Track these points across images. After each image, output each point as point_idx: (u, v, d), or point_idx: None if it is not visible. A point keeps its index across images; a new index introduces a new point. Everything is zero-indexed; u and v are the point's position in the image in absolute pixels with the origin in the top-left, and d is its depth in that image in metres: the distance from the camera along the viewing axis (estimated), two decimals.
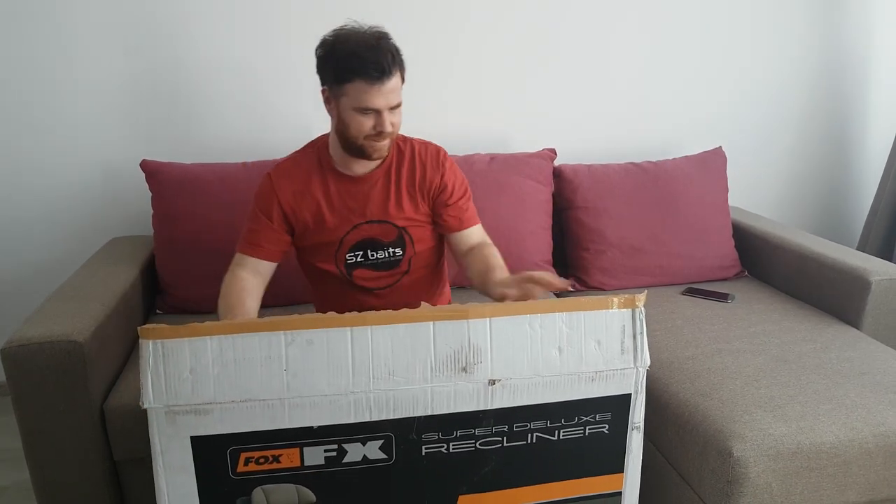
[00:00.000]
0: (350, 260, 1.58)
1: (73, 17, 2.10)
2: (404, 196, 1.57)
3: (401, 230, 1.58)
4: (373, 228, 1.57)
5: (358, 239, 1.56)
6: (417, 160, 1.58)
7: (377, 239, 1.57)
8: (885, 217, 2.64)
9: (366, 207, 1.55)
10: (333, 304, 1.51)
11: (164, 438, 0.89)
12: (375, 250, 1.58)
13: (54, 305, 1.61)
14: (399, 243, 1.59)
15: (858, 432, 1.40)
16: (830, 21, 2.64)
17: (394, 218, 1.57)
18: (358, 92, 1.38)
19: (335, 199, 1.55)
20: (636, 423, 1.03)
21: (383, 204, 1.56)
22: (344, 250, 1.57)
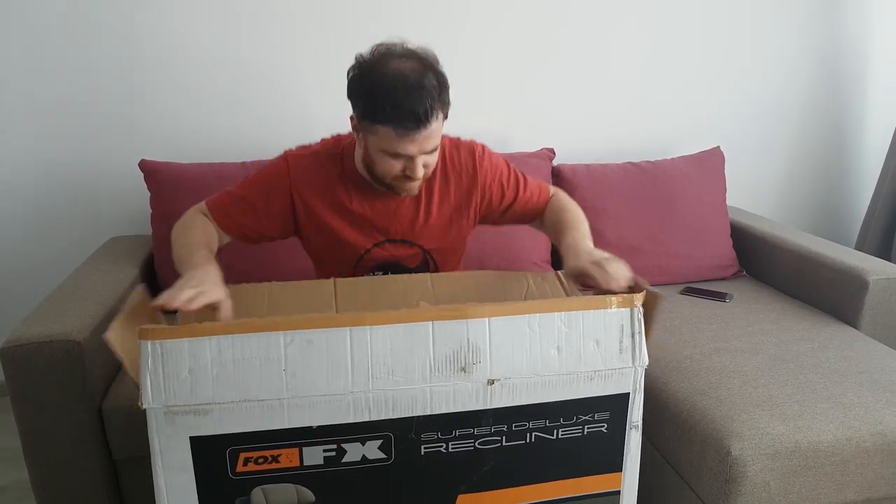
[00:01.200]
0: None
1: (71, 16, 2.09)
2: (434, 215, 1.41)
3: (427, 254, 1.44)
4: (397, 249, 1.43)
5: (379, 261, 1.44)
6: (451, 170, 1.41)
7: (400, 264, 1.44)
8: (882, 217, 2.65)
9: (391, 225, 1.41)
10: None
11: (163, 439, 0.89)
12: (397, 273, 1.44)
13: (53, 305, 1.61)
14: (424, 268, 1.46)
15: (856, 431, 1.40)
16: (828, 21, 2.64)
17: (421, 240, 1.42)
18: (388, 138, 1.22)
19: (357, 212, 1.40)
20: (634, 422, 1.03)
21: (410, 223, 1.41)
22: (363, 267, 1.44)
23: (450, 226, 1.42)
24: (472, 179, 1.41)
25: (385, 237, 1.41)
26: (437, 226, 1.41)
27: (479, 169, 1.41)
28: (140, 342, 0.90)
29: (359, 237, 1.41)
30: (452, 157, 1.41)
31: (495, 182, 1.43)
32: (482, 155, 1.43)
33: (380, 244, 1.42)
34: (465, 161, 1.41)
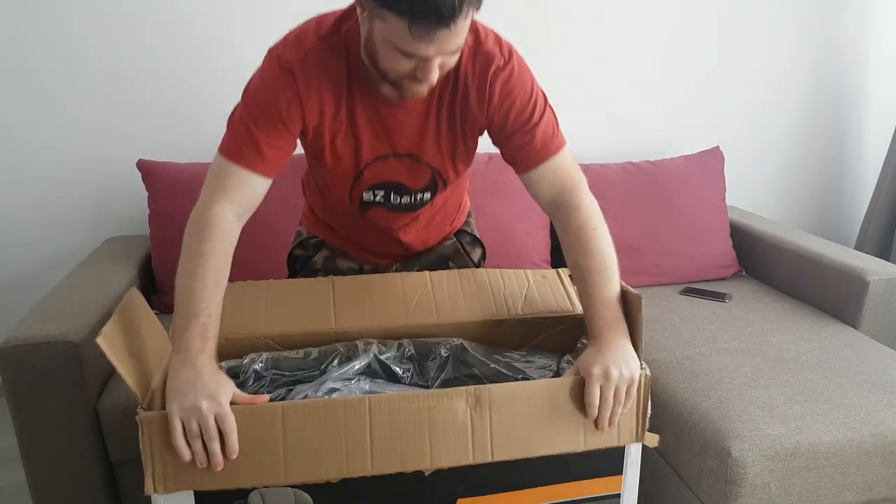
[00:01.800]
0: (367, 198, 1.27)
1: (70, 16, 2.09)
2: (444, 131, 1.20)
3: (435, 173, 1.25)
4: (401, 166, 1.23)
5: (381, 179, 1.24)
6: (461, 84, 1.16)
7: (403, 184, 1.25)
8: (882, 216, 2.64)
9: (395, 137, 1.20)
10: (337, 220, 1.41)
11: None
12: (401, 195, 1.26)
13: (50, 306, 1.61)
14: (430, 188, 1.27)
15: (856, 432, 1.40)
16: (828, 22, 2.64)
17: (428, 157, 1.22)
18: (400, 33, 0.95)
19: (360, 120, 1.17)
20: None
21: (418, 138, 1.20)
22: (362, 186, 1.25)
23: (457, 144, 1.22)
24: (480, 102, 1.16)
25: (391, 150, 1.21)
26: (448, 141, 1.21)
27: (492, 88, 1.15)
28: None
29: (361, 148, 1.20)
30: (467, 69, 1.15)
31: (503, 110, 1.17)
32: (497, 76, 1.15)
33: (383, 158, 1.21)
34: (478, 78, 1.15)
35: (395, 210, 1.29)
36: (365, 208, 1.29)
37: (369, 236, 1.41)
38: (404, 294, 1.26)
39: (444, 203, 1.37)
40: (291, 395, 1.02)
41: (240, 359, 1.10)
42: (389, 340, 1.15)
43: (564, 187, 1.20)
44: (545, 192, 1.20)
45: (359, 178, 1.23)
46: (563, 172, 1.21)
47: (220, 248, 1.07)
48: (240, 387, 1.03)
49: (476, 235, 1.54)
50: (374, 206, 1.29)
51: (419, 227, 1.38)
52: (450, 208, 1.43)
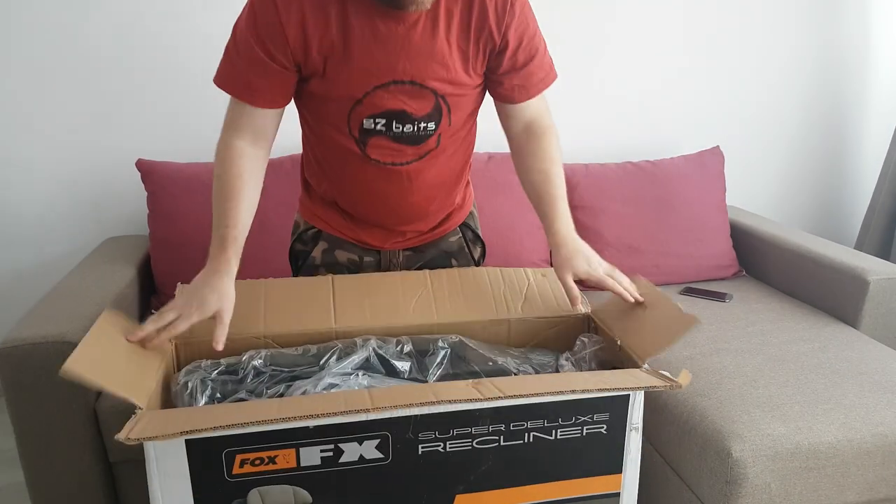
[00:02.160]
0: (367, 126, 1.19)
1: (69, 16, 2.09)
2: (454, 48, 1.13)
3: (440, 99, 1.18)
4: (403, 93, 1.15)
5: (381, 108, 1.17)
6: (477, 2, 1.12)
7: (406, 112, 1.17)
8: (882, 216, 2.64)
9: (398, 60, 1.12)
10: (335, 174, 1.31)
11: (157, 443, 0.88)
12: (403, 123, 1.19)
13: (49, 306, 1.61)
14: (434, 116, 1.20)
15: (857, 432, 1.40)
16: (828, 21, 2.64)
17: (435, 81, 1.15)
18: None
19: (356, 41, 1.10)
20: (635, 423, 1.02)
21: (424, 58, 1.12)
22: (361, 113, 1.18)
23: (468, 64, 1.16)
24: (500, 17, 1.13)
25: (390, 77, 1.14)
26: (455, 62, 1.15)
27: (512, 6, 1.13)
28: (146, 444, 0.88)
29: (358, 74, 1.13)
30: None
31: (518, 34, 1.16)
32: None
33: (383, 86, 1.14)
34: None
35: (398, 140, 1.21)
36: (366, 138, 1.21)
37: (372, 190, 1.30)
38: (404, 293, 1.26)
39: (451, 150, 1.30)
40: (290, 390, 1.02)
41: (239, 356, 1.10)
42: (388, 338, 1.15)
43: (542, 112, 1.29)
44: (527, 116, 1.27)
45: (357, 105, 1.17)
46: (545, 100, 1.29)
47: (231, 170, 1.15)
48: (239, 382, 1.05)
49: (478, 233, 1.53)
50: (375, 136, 1.21)
51: (426, 169, 1.28)
52: (457, 161, 1.34)
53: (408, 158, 1.25)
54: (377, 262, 1.44)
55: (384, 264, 1.44)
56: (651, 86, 2.56)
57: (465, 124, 1.29)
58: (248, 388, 1.05)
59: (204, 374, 1.05)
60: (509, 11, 1.13)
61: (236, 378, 1.05)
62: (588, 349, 1.15)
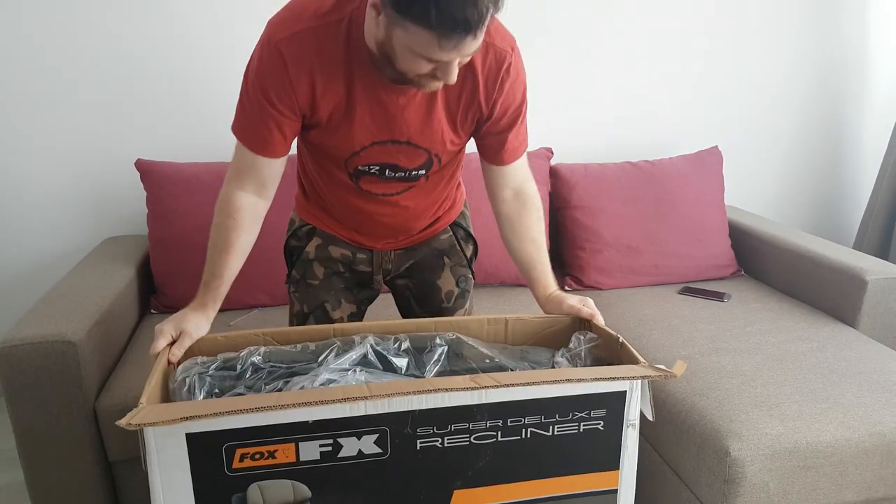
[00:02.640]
0: (362, 169, 1.27)
1: (69, 16, 2.09)
2: (444, 119, 1.22)
3: (431, 155, 1.26)
4: (399, 151, 1.24)
5: (377, 160, 1.25)
6: (469, 75, 1.17)
7: (399, 165, 1.26)
8: (881, 216, 2.65)
9: (395, 124, 1.19)
10: (328, 193, 1.37)
11: (159, 436, 0.88)
12: (395, 171, 1.27)
13: (49, 305, 1.61)
14: (425, 166, 1.28)
15: (855, 431, 1.40)
16: (827, 21, 2.64)
17: (427, 143, 1.24)
18: (425, 43, 0.97)
19: (360, 103, 1.16)
20: (632, 420, 1.03)
21: (419, 127, 1.21)
22: (357, 161, 1.25)
23: (457, 131, 1.25)
24: (490, 91, 1.20)
25: (388, 137, 1.21)
26: (448, 128, 1.23)
27: (503, 82, 1.20)
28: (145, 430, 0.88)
29: (357, 132, 1.20)
30: (479, 62, 1.17)
31: (506, 104, 1.24)
32: (509, 71, 1.20)
33: (381, 143, 1.22)
34: (491, 72, 1.19)
35: (389, 180, 1.30)
36: (359, 175, 1.29)
37: (362, 210, 1.36)
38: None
39: (440, 180, 1.37)
40: (288, 386, 1.02)
41: (237, 352, 1.10)
42: (386, 335, 1.16)
43: (526, 178, 1.37)
44: (513, 181, 1.35)
45: (354, 156, 1.24)
46: (526, 165, 1.37)
47: (228, 222, 1.21)
48: (238, 378, 1.06)
49: (470, 231, 1.54)
50: (368, 175, 1.29)
51: (415, 196, 1.36)
52: (446, 185, 1.41)
53: (397, 190, 1.33)
54: (370, 258, 1.46)
55: (376, 261, 1.46)
56: (650, 86, 2.56)
57: (454, 160, 1.37)
58: (247, 384, 1.06)
59: (202, 369, 1.06)
60: (498, 88, 1.21)
61: (234, 374, 1.06)
62: (583, 346, 1.16)
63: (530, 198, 1.36)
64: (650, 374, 0.99)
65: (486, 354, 1.15)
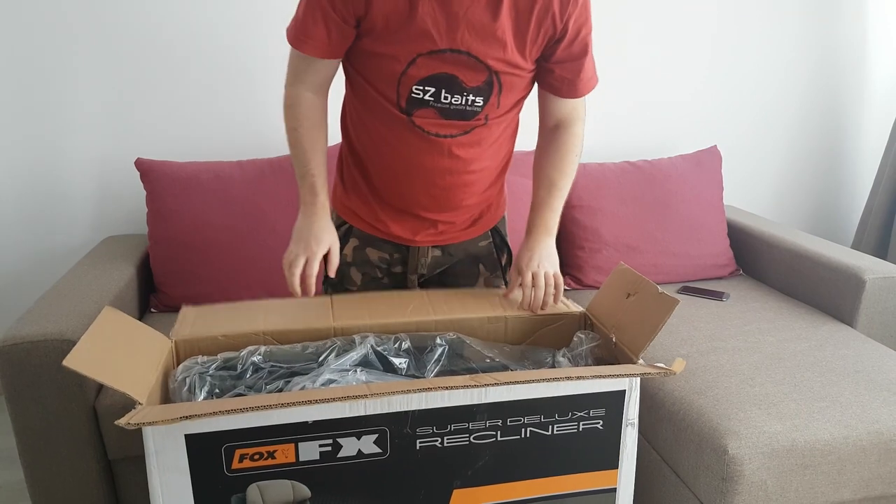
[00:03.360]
0: (416, 94, 1.19)
1: (66, 16, 2.09)
2: (514, 29, 1.14)
3: (493, 75, 1.17)
4: (458, 62, 1.15)
5: (434, 71, 1.16)
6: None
7: (458, 80, 1.17)
8: (879, 215, 2.65)
9: (458, 28, 1.11)
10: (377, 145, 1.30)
11: (158, 437, 0.89)
12: (452, 93, 1.18)
13: (48, 304, 1.61)
14: (484, 91, 1.19)
15: (853, 430, 1.40)
16: (826, 22, 2.65)
17: (490, 56, 1.15)
18: None
19: (422, 2, 1.10)
20: (631, 419, 1.03)
21: (483, 30, 1.12)
22: (411, 78, 1.17)
23: (525, 46, 1.16)
24: (564, 4, 1.14)
25: (448, 45, 1.13)
26: (513, 40, 1.15)
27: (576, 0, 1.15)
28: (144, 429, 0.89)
29: (415, 35, 1.12)
30: None
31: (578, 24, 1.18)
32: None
33: (439, 52, 1.14)
34: None
35: (446, 115, 1.21)
36: (412, 109, 1.21)
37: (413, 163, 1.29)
38: (401, 298, 1.28)
39: (496, 134, 1.29)
40: (289, 386, 1.02)
41: (237, 351, 1.10)
42: (386, 335, 1.16)
43: (577, 116, 1.34)
44: (562, 114, 1.33)
45: (410, 66, 1.16)
46: (583, 104, 1.34)
47: (306, 121, 1.26)
48: (238, 378, 1.06)
49: (506, 239, 1.51)
50: (422, 107, 1.20)
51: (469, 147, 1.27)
52: (498, 151, 1.34)
53: (453, 132, 1.24)
54: (405, 257, 1.42)
55: (412, 262, 1.42)
56: (649, 86, 2.56)
57: (511, 110, 1.29)
58: (247, 384, 1.06)
59: (202, 369, 1.06)
60: (573, 2, 1.15)
61: (234, 374, 1.06)
62: (584, 346, 1.16)
63: (574, 136, 1.34)
64: (649, 371, 0.99)
65: (486, 355, 1.15)
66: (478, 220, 1.43)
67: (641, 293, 1.13)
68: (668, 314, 1.04)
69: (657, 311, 1.06)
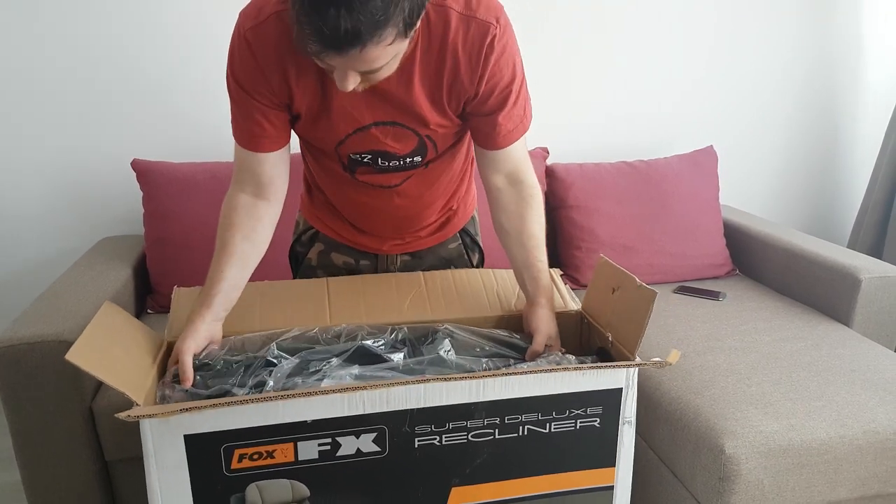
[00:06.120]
0: (354, 157, 1.20)
1: (65, 16, 2.09)
2: (424, 98, 1.12)
3: (424, 138, 1.18)
4: (386, 133, 1.16)
5: (366, 147, 1.18)
6: (450, 53, 1.08)
7: (389, 152, 1.18)
8: (874, 215, 2.66)
9: (377, 107, 1.12)
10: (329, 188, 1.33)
11: (156, 437, 0.89)
12: (388, 160, 1.20)
13: (45, 305, 1.61)
14: (419, 151, 1.20)
15: (849, 429, 1.41)
16: (821, 23, 2.65)
17: (413, 123, 1.15)
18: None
19: (334, 90, 1.07)
20: (628, 417, 1.03)
21: (401, 106, 1.12)
22: (347, 148, 1.18)
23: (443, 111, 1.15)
24: (472, 73, 1.10)
25: (371, 120, 1.13)
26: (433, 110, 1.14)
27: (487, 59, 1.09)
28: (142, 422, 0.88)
29: (339, 119, 1.13)
30: (458, 37, 1.06)
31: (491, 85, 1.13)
32: (493, 46, 1.08)
33: (364, 129, 1.14)
34: (472, 47, 1.08)
35: (385, 171, 1.22)
36: (354, 167, 1.22)
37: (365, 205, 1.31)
38: (398, 292, 1.27)
39: (441, 168, 1.28)
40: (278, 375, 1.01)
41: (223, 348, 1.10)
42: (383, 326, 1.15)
43: (522, 166, 1.24)
44: (505, 167, 1.22)
45: (340, 145, 1.18)
46: (524, 150, 1.24)
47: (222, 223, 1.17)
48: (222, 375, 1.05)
49: (477, 239, 1.51)
50: (362, 166, 1.22)
51: (415, 187, 1.27)
52: (449, 175, 1.32)
53: (396, 182, 1.26)
54: (374, 265, 1.43)
55: (381, 268, 1.43)
56: (645, 86, 2.57)
57: (454, 147, 1.27)
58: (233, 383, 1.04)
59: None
60: (483, 63, 1.09)
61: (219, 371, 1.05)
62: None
63: (528, 188, 1.24)
64: (646, 363, 0.99)
65: (484, 343, 1.14)
66: (445, 224, 1.43)
67: (624, 287, 1.13)
68: (649, 307, 1.05)
69: (641, 305, 1.07)
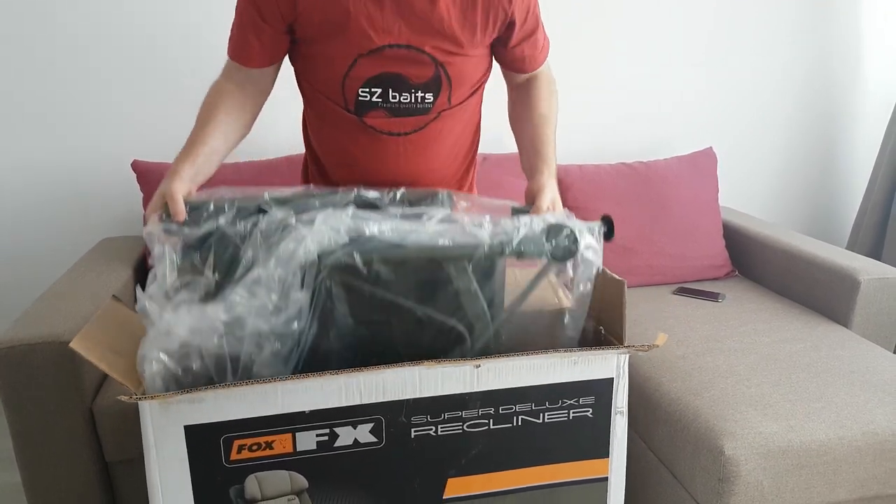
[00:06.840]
0: (363, 97, 1.15)
1: (65, 17, 2.09)
2: (456, 16, 1.08)
3: (440, 67, 1.13)
4: (400, 58, 1.11)
5: (377, 71, 1.12)
6: None
7: (403, 77, 1.13)
8: (874, 216, 2.66)
9: (394, 22, 1.07)
10: (332, 146, 1.29)
11: (157, 429, 0.89)
12: (399, 91, 1.15)
13: (45, 306, 1.61)
14: (433, 87, 1.15)
15: (848, 430, 1.41)
16: (820, 24, 2.66)
17: (429, 44, 1.10)
18: None
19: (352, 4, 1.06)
20: (620, 407, 1.03)
21: (421, 19, 1.08)
22: (355, 80, 1.14)
23: (474, 33, 1.11)
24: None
25: (386, 41, 1.09)
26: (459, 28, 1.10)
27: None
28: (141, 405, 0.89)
29: (353, 35, 1.09)
30: None
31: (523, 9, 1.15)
32: None
33: (377, 50, 1.09)
34: None
35: (396, 114, 1.18)
36: (363, 112, 1.18)
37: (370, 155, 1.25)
38: None
39: (450, 126, 1.25)
40: (268, 219, 0.98)
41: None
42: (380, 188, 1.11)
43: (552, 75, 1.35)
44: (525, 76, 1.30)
45: (352, 68, 1.13)
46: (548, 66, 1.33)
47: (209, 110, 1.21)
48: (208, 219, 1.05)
49: None
50: (372, 109, 1.17)
51: (424, 142, 1.24)
52: (456, 143, 1.31)
53: (406, 129, 1.21)
54: None
55: None
56: (644, 87, 2.57)
57: (466, 102, 1.24)
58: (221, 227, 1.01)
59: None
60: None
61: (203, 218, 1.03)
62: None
63: (553, 83, 1.31)
64: (635, 346, 1.01)
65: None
66: None
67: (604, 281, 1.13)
68: (622, 296, 1.05)
69: (616, 295, 1.07)
